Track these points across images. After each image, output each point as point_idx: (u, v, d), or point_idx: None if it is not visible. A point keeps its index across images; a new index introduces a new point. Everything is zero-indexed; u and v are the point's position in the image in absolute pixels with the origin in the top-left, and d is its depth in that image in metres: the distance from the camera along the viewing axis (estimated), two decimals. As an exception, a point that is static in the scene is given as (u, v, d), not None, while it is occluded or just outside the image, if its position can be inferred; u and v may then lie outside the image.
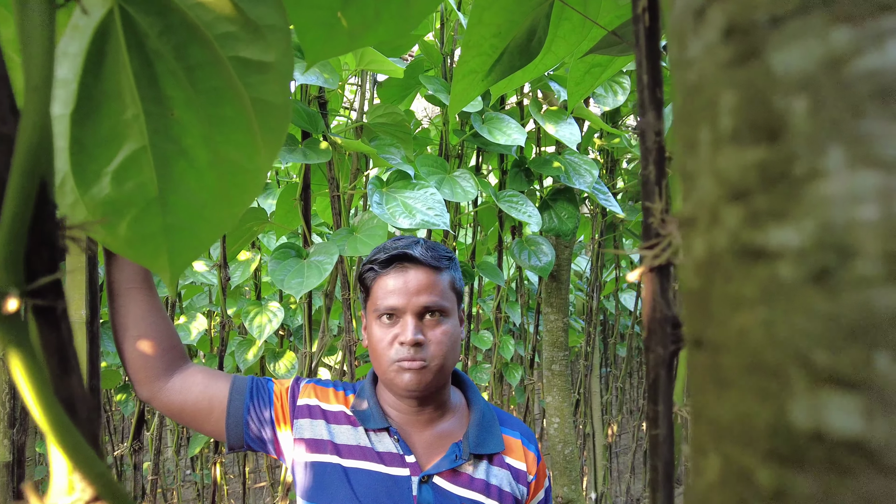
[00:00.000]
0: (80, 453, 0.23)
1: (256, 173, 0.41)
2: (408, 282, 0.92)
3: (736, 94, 0.12)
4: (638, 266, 0.37)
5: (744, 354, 0.11)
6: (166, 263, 0.43)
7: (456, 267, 0.99)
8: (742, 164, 0.12)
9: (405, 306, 0.92)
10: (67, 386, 0.24)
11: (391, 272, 0.93)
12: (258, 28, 0.37)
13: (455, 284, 0.98)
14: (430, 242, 0.97)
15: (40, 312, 0.23)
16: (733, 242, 0.12)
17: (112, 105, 0.38)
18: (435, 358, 0.92)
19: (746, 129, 0.11)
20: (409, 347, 0.90)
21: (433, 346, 0.92)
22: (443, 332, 0.93)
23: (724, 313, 0.12)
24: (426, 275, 0.93)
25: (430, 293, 0.92)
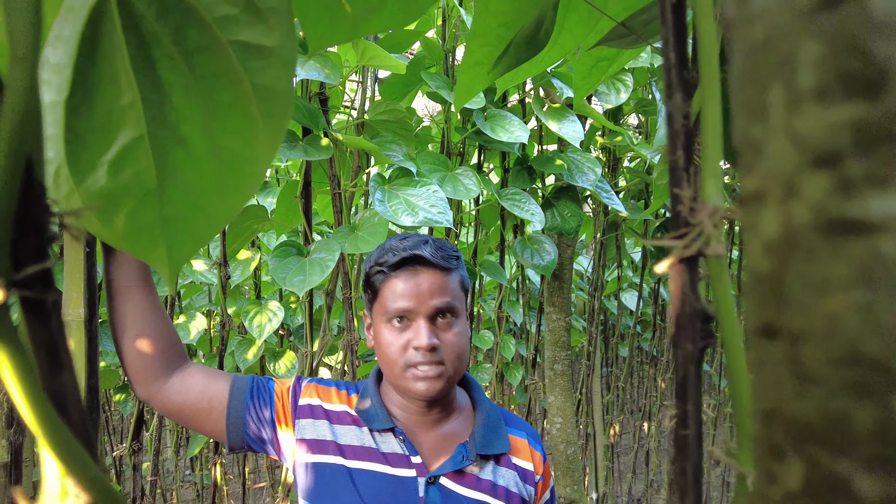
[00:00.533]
0: (72, 456, 0.21)
1: (255, 162, 0.39)
2: (419, 284, 0.90)
3: (821, 44, 0.10)
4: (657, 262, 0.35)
5: (835, 344, 0.10)
6: (164, 257, 0.41)
7: (462, 265, 0.98)
8: (829, 124, 0.10)
9: (417, 309, 0.89)
10: (58, 383, 0.22)
11: (402, 274, 0.91)
12: (259, 10, 0.36)
13: (463, 283, 0.96)
14: (437, 241, 0.95)
15: (29, 304, 0.21)
16: (818, 216, 0.10)
17: (108, 91, 0.37)
18: (450, 361, 0.90)
19: (836, 83, 0.10)
20: (424, 352, 0.88)
21: (447, 348, 0.90)
22: (455, 333, 0.91)
23: (806, 298, 0.11)
24: (437, 276, 0.91)
25: (441, 295, 0.90)
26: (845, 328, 0.10)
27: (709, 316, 0.27)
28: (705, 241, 0.26)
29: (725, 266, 0.27)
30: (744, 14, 0.11)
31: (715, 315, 0.27)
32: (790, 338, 0.11)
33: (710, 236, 0.26)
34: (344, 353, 1.54)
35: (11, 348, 0.20)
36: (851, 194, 0.10)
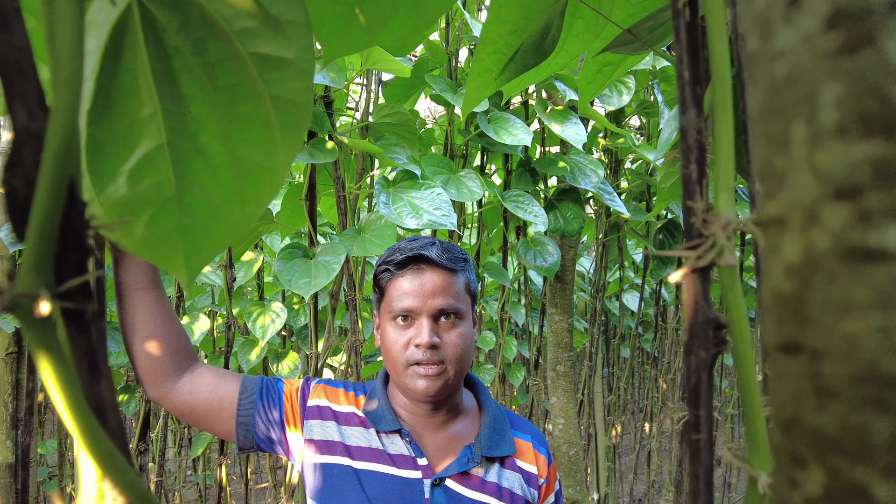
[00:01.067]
0: (111, 461, 0.22)
1: (274, 172, 0.40)
2: (424, 283, 0.91)
3: (842, 85, 0.11)
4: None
5: (855, 363, 0.11)
6: (182, 264, 0.42)
7: (470, 268, 0.98)
8: (850, 160, 0.11)
9: (421, 308, 0.91)
10: (97, 392, 0.23)
11: (407, 273, 0.93)
12: (279, 23, 0.36)
13: (470, 286, 0.97)
14: (445, 244, 0.96)
15: (69, 316, 0.22)
16: (838, 243, 0.11)
17: (129, 102, 0.37)
18: (450, 361, 0.91)
19: (856, 122, 0.11)
20: (424, 350, 0.90)
21: (449, 348, 0.91)
22: (458, 334, 0.92)
23: (827, 318, 0.11)
24: (442, 277, 0.92)
25: (445, 295, 0.91)
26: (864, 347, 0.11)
27: (721, 324, 0.28)
28: (718, 252, 0.27)
29: (737, 276, 0.27)
30: (767, 51, 0.12)
31: (727, 323, 0.28)
32: (811, 354, 0.12)
33: (723, 248, 0.27)
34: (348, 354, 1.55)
35: (55, 359, 0.21)
36: (870, 225, 0.11)
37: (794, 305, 0.12)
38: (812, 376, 0.12)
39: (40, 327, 0.20)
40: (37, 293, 0.20)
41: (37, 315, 0.20)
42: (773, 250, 0.13)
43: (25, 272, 0.20)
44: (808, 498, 0.11)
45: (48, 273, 0.21)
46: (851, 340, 0.11)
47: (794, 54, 0.12)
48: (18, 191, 0.21)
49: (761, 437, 0.28)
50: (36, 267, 0.20)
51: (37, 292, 0.20)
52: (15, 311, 0.20)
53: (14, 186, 0.21)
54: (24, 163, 0.21)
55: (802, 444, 0.12)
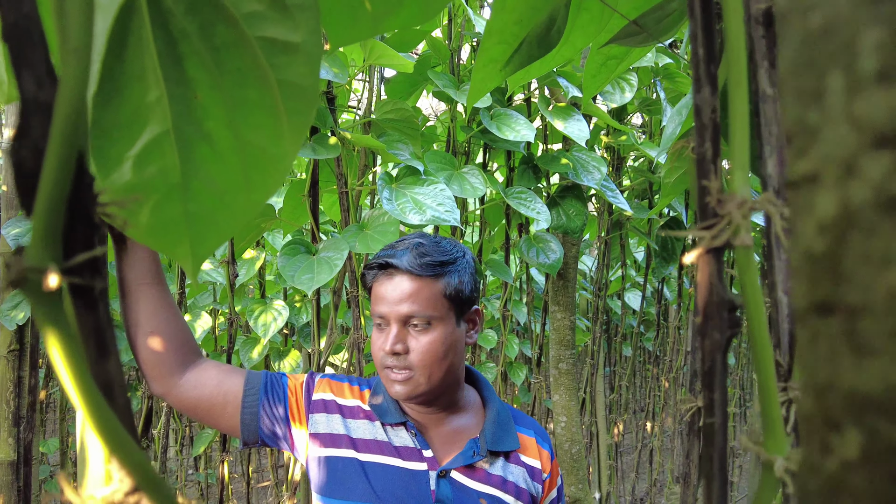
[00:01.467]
0: (118, 440, 0.22)
1: (281, 158, 0.40)
2: (392, 290, 0.91)
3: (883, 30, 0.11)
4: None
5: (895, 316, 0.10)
6: (188, 252, 0.41)
7: (459, 270, 0.94)
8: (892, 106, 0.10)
9: (389, 314, 0.91)
10: (105, 370, 0.22)
11: (381, 278, 0.93)
12: (286, 7, 0.36)
13: (452, 290, 0.92)
14: (430, 245, 0.93)
15: (77, 292, 0.22)
16: (878, 194, 0.11)
17: (135, 87, 0.37)
18: (418, 367, 0.90)
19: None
20: (388, 356, 0.90)
21: (415, 354, 0.90)
22: (428, 341, 0.90)
23: (865, 273, 0.11)
24: (411, 283, 0.90)
25: (412, 302, 0.89)
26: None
27: (735, 305, 0.28)
28: (734, 231, 0.27)
29: (753, 256, 0.27)
30: (800, 3, 0.12)
31: (742, 304, 0.28)
32: (848, 312, 0.11)
33: (738, 227, 0.27)
34: (350, 351, 1.54)
35: (63, 335, 0.20)
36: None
37: (828, 263, 0.12)
38: (849, 335, 0.11)
39: (48, 302, 0.20)
40: (45, 267, 0.20)
41: (45, 289, 0.20)
42: (804, 209, 0.12)
43: (33, 246, 0.20)
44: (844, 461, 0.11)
45: (56, 247, 0.21)
46: (891, 294, 0.10)
47: (829, 3, 0.11)
48: (27, 162, 0.20)
49: (777, 422, 0.28)
50: (44, 240, 0.20)
51: (45, 266, 0.20)
52: (23, 284, 0.20)
53: (22, 158, 0.20)
54: (32, 133, 0.20)
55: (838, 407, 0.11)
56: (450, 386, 0.95)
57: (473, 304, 0.97)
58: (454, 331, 0.93)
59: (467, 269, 0.96)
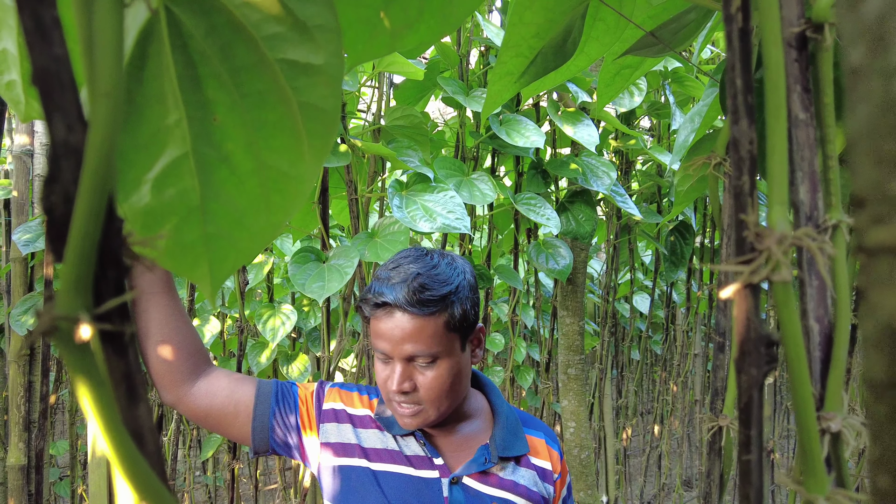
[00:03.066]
0: (149, 487, 0.22)
1: (301, 180, 0.39)
2: (394, 329, 0.86)
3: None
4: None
5: None
6: (207, 274, 0.41)
7: (461, 297, 0.89)
8: None
9: (392, 352, 0.87)
10: (135, 416, 0.22)
11: (380, 315, 0.88)
12: (307, 28, 0.36)
13: (456, 322, 0.88)
14: (425, 277, 0.88)
15: (107, 338, 0.21)
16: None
17: (154, 110, 0.37)
18: (427, 402, 0.89)
19: None
20: (395, 394, 0.88)
21: (423, 390, 0.88)
22: (434, 377, 0.88)
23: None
24: (412, 322, 0.86)
25: (415, 341, 0.86)
26: None
27: (773, 341, 0.27)
28: (773, 267, 0.26)
29: (792, 292, 0.26)
30: (879, 65, 0.11)
31: (779, 340, 0.27)
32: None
33: (778, 263, 0.26)
34: (359, 357, 1.54)
35: (94, 383, 0.20)
36: None
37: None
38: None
39: (79, 351, 0.20)
40: (76, 316, 0.19)
41: (77, 340, 0.19)
42: (883, 280, 0.12)
43: (64, 294, 0.20)
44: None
45: (87, 294, 0.20)
46: None
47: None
48: (57, 208, 0.20)
49: (817, 460, 0.27)
50: (76, 288, 0.20)
51: (76, 315, 0.19)
52: (54, 334, 0.19)
53: (52, 203, 0.20)
54: (62, 178, 0.20)
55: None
56: (456, 405, 0.95)
57: (477, 324, 0.94)
58: (459, 359, 0.91)
59: (468, 291, 0.92)
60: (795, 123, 0.34)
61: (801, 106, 0.34)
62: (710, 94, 1.01)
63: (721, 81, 0.65)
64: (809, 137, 0.34)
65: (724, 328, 0.49)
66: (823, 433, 0.34)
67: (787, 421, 3.89)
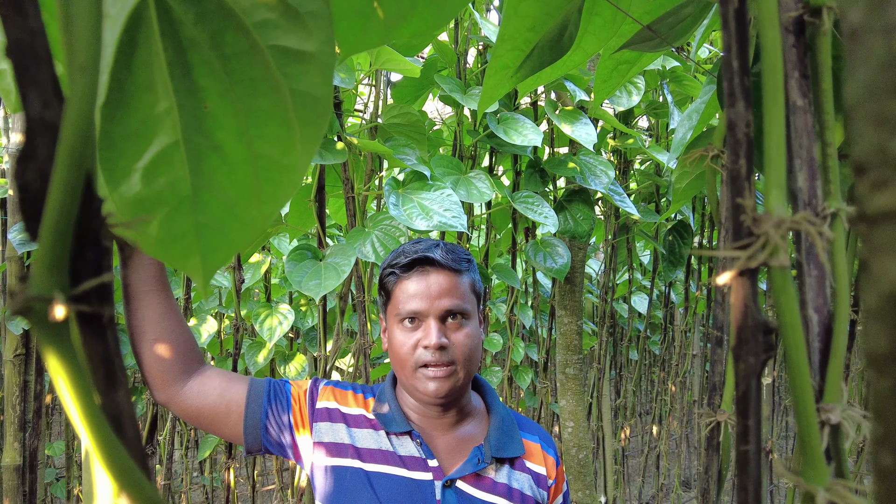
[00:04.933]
0: (128, 475, 0.21)
1: (292, 169, 0.39)
2: (430, 285, 0.91)
3: None
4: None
5: None
6: (199, 265, 0.40)
7: (475, 269, 0.99)
8: None
9: (428, 310, 0.91)
10: (114, 401, 0.21)
11: (413, 276, 0.92)
12: (299, 15, 0.35)
13: (475, 287, 0.97)
14: (448, 245, 0.96)
15: (85, 320, 0.21)
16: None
17: (144, 97, 0.36)
18: (460, 361, 0.91)
19: None
20: (433, 351, 0.89)
21: (457, 349, 0.91)
22: (466, 334, 0.92)
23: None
24: (448, 278, 0.92)
25: (452, 296, 0.91)
26: None
27: (770, 328, 0.27)
28: (770, 251, 0.25)
29: (790, 277, 0.26)
30: (878, 23, 0.11)
31: (776, 327, 0.27)
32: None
33: (776, 247, 0.25)
34: (356, 356, 1.53)
35: (70, 366, 0.19)
36: None
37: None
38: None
39: (54, 332, 0.19)
40: (51, 296, 0.19)
41: (51, 319, 0.19)
42: (886, 248, 0.11)
43: (39, 273, 0.19)
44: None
45: (63, 274, 0.20)
46: None
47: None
48: (32, 186, 0.19)
49: (817, 451, 0.27)
50: (50, 267, 0.19)
51: (51, 295, 0.19)
52: (28, 314, 0.19)
53: (27, 181, 0.19)
54: (37, 156, 0.19)
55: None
56: (468, 386, 0.96)
57: (481, 303, 1.00)
58: (478, 326, 0.97)
59: (476, 268, 1.00)
60: (794, 110, 0.34)
61: (800, 92, 0.33)
62: (708, 91, 1.00)
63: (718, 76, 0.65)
64: (808, 124, 0.34)
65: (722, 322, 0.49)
66: (823, 425, 0.33)
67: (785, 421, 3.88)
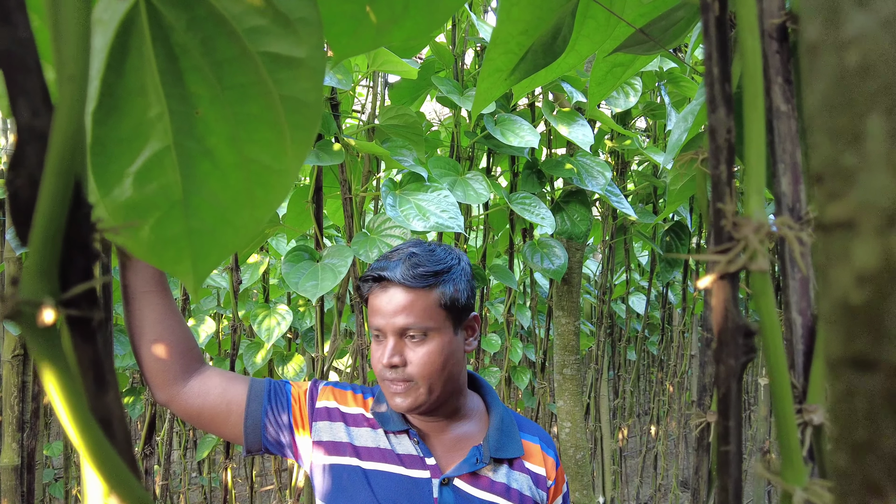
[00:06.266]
0: (118, 477, 0.21)
1: (284, 174, 0.39)
2: (388, 302, 0.90)
3: (928, 72, 0.10)
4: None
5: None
6: (190, 269, 0.41)
7: (454, 278, 0.93)
8: (939, 155, 0.10)
9: (385, 327, 0.90)
10: (104, 404, 0.22)
11: (375, 290, 0.92)
12: (289, 21, 0.36)
13: (448, 299, 0.91)
14: (422, 256, 0.92)
15: (75, 324, 0.21)
16: (925, 249, 0.10)
17: (135, 103, 0.37)
18: (420, 378, 0.89)
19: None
20: (386, 369, 0.90)
21: (414, 367, 0.89)
22: (426, 352, 0.89)
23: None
24: (404, 295, 0.89)
25: (407, 314, 0.89)
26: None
27: (751, 331, 0.27)
28: (750, 256, 0.26)
29: (769, 282, 0.26)
30: (834, 38, 0.11)
31: (757, 330, 0.27)
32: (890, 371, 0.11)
33: (755, 251, 0.26)
34: (354, 357, 1.54)
35: (60, 369, 0.20)
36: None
37: (867, 317, 0.11)
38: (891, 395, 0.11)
39: (44, 336, 0.19)
40: (41, 300, 0.19)
41: (41, 323, 0.19)
42: (838, 257, 0.11)
43: (29, 278, 0.19)
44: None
45: (53, 279, 0.20)
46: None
47: (869, 41, 0.11)
48: (22, 192, 0.20)
49: (795, 451, 0.27)
50: (40, 272, 0.19)
51: (41, 299, 0.19)
52: (18, 318, 0.19)
53: (17, 187, 0.20)
54: (27, 162, 0.20)
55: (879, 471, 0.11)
56: (451, 395, 0.94)
57: (471, 311, 0.96)
58: (451, 340, 0.92)
59: (463, 276, 0.94)
60: (777, 115, 0.34)
61: (783, 98, 0.34)
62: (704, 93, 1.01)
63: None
64: (791, 129, 0.34)
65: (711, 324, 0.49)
66: (806, 425, 0.34)
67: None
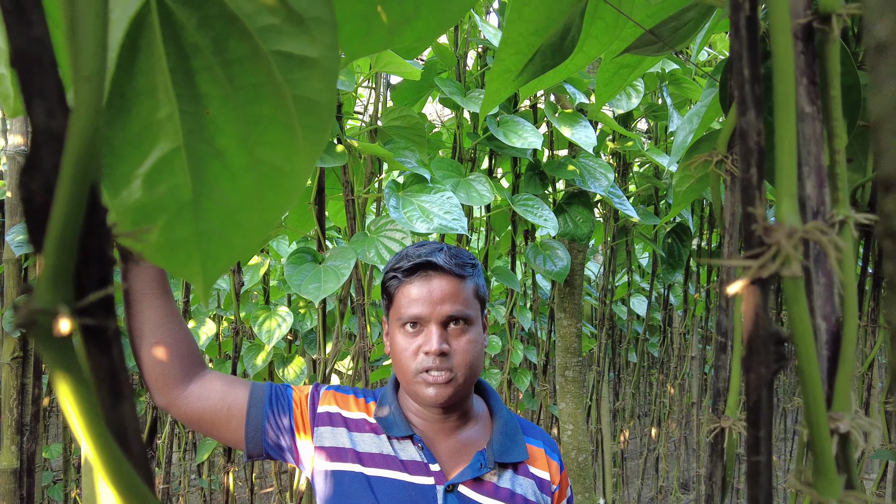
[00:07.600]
0: (133, 491, 0.21)
1: (295, 176, 0.38)
2: (432, 290, 0.90)
3: None
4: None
5: None
6: (199, 272, 0.40)
7: (479, 274, 0.97)
8: None
9: (429, 315, 0.90)
10: (119, 416, 0.21)
11: (415, 280, 0.92)
12: (302, 20, 0.35)
13: (479, 292, 0.96)
14: (453, 249, 0.95)
15: (90, 333, 0.20)
16: None
17: (145, 103, 0.36)
18: (460, 368, 0.90)
19: None
20: (434, 357, 0.89)
21: (458, 355, 0.90)
22: (468, 340, 0.91)
23: None
24: (450, 283, 0.91)
25: (454, 302, 0.90)
26: None
27: (782, 338, 0.26)
28: (782, 261, 0.25)
29: (802, 288, 0.26)
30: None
31: (788, 338, 0.26)
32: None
33: (789, 257, 0.25)
34: (355, 359, 1.53)
35: (75, 380, 0.19)
36: None
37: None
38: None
39: (59, 346, 0.19)
40: (56, 309, 0.18)
41: (56, 333, 0.18)
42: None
43: (44, 286, 0.19)
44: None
45: (68, 287, 0.19)
46: None
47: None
48: (36, 197, 0.19)
49: (829, 462, 0.27)
50: (55, 280, 0.19)
51: (56, 308, 0.18)
52: (32, 328, 0.18)
53: (32, 192, 0.19)
54: (42, 166, 0.19)
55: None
56: (470, 390, 0.96)
57: (485, 309, 0.99)
58: (482, 332, 0.95)
59: (481, 272, 0.99)
60: (802, 117, 0.33)
61: (808, 99, 0.33)
62: (709, 95, 1.00)
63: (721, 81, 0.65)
64: (816, 131, 0.33)
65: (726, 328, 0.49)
66: (832, 434, 0.33)
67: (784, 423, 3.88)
